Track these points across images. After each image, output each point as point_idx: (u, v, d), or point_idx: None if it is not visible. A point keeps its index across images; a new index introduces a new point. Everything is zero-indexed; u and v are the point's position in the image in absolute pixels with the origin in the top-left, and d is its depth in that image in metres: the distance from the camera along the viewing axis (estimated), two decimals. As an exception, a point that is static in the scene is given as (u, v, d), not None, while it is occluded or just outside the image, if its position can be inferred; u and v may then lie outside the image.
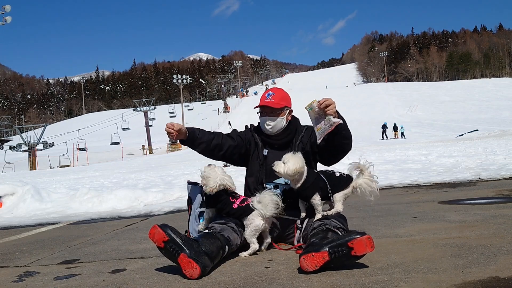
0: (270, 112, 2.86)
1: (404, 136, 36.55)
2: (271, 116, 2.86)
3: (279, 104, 2.86)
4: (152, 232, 2.32)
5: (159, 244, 2.29)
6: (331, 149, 2.80)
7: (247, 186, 2.96)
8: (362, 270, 2.13)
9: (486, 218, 3.28)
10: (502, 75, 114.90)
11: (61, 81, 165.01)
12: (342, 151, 2.83)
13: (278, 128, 2.87)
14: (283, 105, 2.87)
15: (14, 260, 3.13)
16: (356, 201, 5.12)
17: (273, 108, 2.84)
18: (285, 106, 2.89)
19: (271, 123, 2.86)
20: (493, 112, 52.73)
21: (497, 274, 1.91)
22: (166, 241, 2.27)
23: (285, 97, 2.93)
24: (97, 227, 4.63)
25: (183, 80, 61.93)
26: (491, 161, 8.60)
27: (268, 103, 2.85)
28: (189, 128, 2.87)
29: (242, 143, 2.96)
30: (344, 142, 2.76)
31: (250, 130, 3.02)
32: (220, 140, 2.90)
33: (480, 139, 23.29)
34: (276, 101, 2.86)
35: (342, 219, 2.58)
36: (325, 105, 2.57)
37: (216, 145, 2.90)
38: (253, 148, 2.96)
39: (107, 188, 8.69)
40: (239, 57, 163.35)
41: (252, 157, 2.96)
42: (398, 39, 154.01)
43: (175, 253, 2.24)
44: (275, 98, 2.87)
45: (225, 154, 2.94)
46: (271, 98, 2.87)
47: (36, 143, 41.44)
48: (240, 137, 2.99)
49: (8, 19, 31.34)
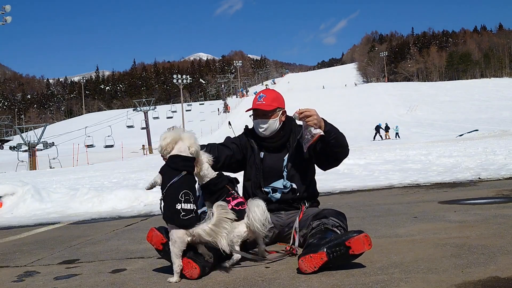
0: (262, 114, 2.81)
1: (399, 136, 35.91)
2: (263, 119, 2.81)
3: (271, 106, 2.80)
4: (150, 235, 2.32)
5: (158, 247, 2.30)
6: (324, 157, 2.78)
7: (245, 190, 2.94)
8: (362, 270, 2.13)
9: (486, 218, 3.28)
10: (502, 75, 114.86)
11: (61, 81, 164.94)
12: (335, 159, 2.79)
13: (271, 130, 2.81)
14: (274, 106, 2.81)
15: (14, 260, 3.13)
16: (356, 201, 5.13)
17: (264, 110, 2.79)
18: (277, 107, 2.82)
19: (264, 126, 2.80)
20: (493, 112, 52.71)
21: (497, 274, 1.91)
22: (164, 243, 2.27)
23: (276, 98, 2.87)
24: (97, 227, 4.63)
25: (183, 80, 61.93)
26: (491, 161, 8.60)
27: (259, 106, 2.80)
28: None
29: (238, 149, 2.91)
30: (335, 151, 2.71)
31: (245, 134, 2.97)
32: (216, 153, 2.80)
33: (480, 139, 23.29)
34: (267, 103, 2.80)
35: (341, 217, 2.55)
36: (304, 116, 2.57)
37: (214, 158, 2.74)
38: (249, 153, 2.91)
39: (107, 188, 8.69)
40: (239, 57, 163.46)
41: (249, 161, 2.91)
42: (398, 39, 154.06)
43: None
44: (266, 100, 2.82)
45: (223, 165, 2.87)
46: (262, 100, 2.82)
47: (36, 143, 41.43)
48: (235, 143, 2.93)
49: (8, 19, 31.33)
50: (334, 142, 2.65)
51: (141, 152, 45.28)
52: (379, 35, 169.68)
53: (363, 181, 7.05)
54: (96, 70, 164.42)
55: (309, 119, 2.57)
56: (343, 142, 2.71)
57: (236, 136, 3.03)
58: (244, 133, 2.99)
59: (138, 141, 51.88)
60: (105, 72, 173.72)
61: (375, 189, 6.23)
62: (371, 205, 4.64)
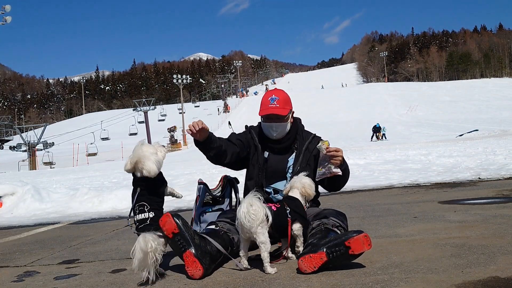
0: (276, 118, 2.77)
1: (385, 137, 35.22)
2: (277, 123, 2.77)
3: (285, 109, 2.77)
4: (164, 220, 2.25)
5: (168, 234, 2.24)
6: (326, 183, 2.85)
7: (247, 189, 2.91)
8: (362, 270, 2.13)
9: (486, 218, 3.28)
10: (502, 75, 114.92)
11: (61, 81, 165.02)
12: (333, 189, 2.90)
13: (284, 133, 2.81)
14: (288, 110, 2.79)
15: (14, 260, 3.13)
16: (356, 201, 5.13)
17: (279, 115, 2.76)
18: (290, 109, 2.82)
19: (278, 129, 2.78)
20: (493, 112, 52.73)
21: (497, 274, 1.91)
22: (175, 233, 2.23)
23: (288, 100, 2.84)
24: (97, 227, 4.63)
25: (183, 80, 61.92)
26: (491, 161, 8.59)
27: (275, 111, 2.75)
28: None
29: (243, 146, 2.89)
30: (338, 184, 2.83)
31: (249, 132, 2.95)
32: (226, 147, 2.81)
33: (480, 139, 23.29)
34: (281, 106, 2.76)
35: (342, 217, 2.56)
36: (331, 155, 2.61)
37: (224, 151, 2.80)
38: (252, 152, 2.89)
39: (107, 188, 8.68)
40: (239, 57, 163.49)
41: (251, 160, 2.88)
42: (398, 39, 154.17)
43: (182, 247, 2.22)
44: (279, 103, 2.77)
45: (230, 161, 2.85)
46: (276, 103, 2.77)
47: (36, 143, 41.43)
48: (240, 140, 2.90)
49: (8, 19, 31.34)
50: (342, 179, 2.77)
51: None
52: (379, 35, 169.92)
53: (363, 181, 7.05)
54: (96, 70, 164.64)
55: (335, 159, 2.61)
56: (347, 178, 2.83)
57: (240, 133, 2.99)
58: (247, 131, 2.96)
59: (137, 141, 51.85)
60: (105, 72, 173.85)
61: (375, 189, 6.23)
62: (371, 205, 4.64)
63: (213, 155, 2.77)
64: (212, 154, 2.76)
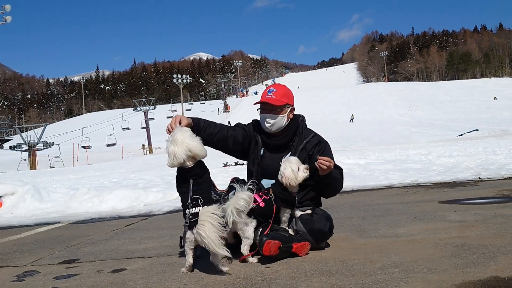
0: (271, 109, 2.75)
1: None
2: (271, 114, 2.75)
3: (280, 101, 2.75)
4: (267, 249, 2.38)
5: (275, 252, 2.40)
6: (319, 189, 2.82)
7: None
8: (362, 270, 2.13)
9: (486, 218, 3.28)
10: (502, 74, 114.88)
11: (61, 80, 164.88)
12: (326, 195, 2.90)
13: (278, 126, 2.76)
14: (284, 102, 2.76)
15: (14, 260, 3.13)
16: (356, 201, 5.13)
17: (273, 105, 2.74)
18: (287, 103, 2.77)
19: (271, 121, 2.75)
20: (493, 112, 52.67)
21: (497, 274, 1.91)
22: (280, 247, 2.42)
23: (286, 93, 2.82)
24: (97, 227, 4.63)
25: (183, 80, 61.95)
26: (491, 160, 8.60)
27: (269, 100, 2.75)
28: (194, 119, 2.72)
29: (247, 136, 2.87)
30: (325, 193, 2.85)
31: (252, 125, 2.93)
32: (226, 133, 2.79)
33: (480, 139, 23.30)
34: (277, 98, 2.75)
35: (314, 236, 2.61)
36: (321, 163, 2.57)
37: (220, 139, 2.77)
38: (253, 146, 2.88)
39: (107, 187, 8.68)
40: (239, 56, 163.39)
41: (251, 154, 2.88)
42: (398, 39, 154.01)
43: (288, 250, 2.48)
44: (276, 94, 2.76)
45: (233, 149, 2.86)
46: (272, 94, 2.76)
47: (36, 143, 41.41)
48: (244, 129, 2.89)
49: (8, 18, 31.34)
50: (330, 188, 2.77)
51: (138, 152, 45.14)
52: (379, 34, 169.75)
53: (363, 181, 7.05)
54: (96, 70, 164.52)
55: (322, 169, 2.58)
56: (338, 188, 2.81)
57: (247, 124, 2.98)
58: (252, 123, 2.95)
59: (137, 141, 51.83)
60: (105, 71, 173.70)
61: (375, 189, 6.23)
62: (371, 204, 4.64)
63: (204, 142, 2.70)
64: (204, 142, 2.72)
